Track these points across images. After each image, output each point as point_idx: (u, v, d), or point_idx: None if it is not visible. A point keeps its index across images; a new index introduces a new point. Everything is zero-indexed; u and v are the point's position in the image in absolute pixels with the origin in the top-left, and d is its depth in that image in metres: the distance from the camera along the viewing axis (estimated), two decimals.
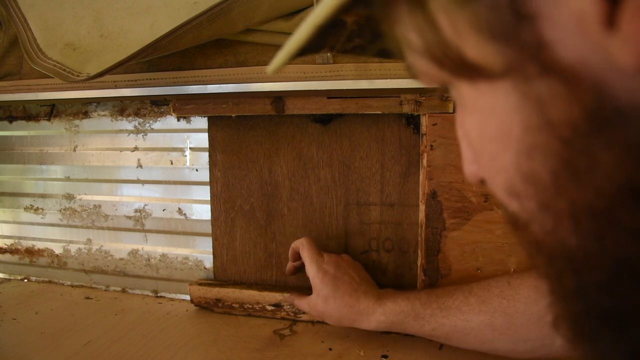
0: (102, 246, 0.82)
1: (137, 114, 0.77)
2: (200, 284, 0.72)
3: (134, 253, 0.80)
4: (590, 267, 0.18)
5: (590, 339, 0.20)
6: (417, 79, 0.23)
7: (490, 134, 0.20)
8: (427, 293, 0.56)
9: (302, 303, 0.63)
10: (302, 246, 0.63)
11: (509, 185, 0.20)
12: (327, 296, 0.58)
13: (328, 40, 0.26)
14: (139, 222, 0.79)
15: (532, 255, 0.21)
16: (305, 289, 0.69)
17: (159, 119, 0.76)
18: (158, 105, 0.75)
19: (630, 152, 0.15)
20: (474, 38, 0.17)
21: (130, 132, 0.77)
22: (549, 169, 0.17)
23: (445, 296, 0.54)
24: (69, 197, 0.83)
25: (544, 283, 0.21)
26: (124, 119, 0.77)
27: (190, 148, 0.75)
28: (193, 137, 0.74)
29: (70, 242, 0.84)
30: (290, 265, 0.67)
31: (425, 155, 0.60)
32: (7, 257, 0.89)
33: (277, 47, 0.59)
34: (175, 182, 0.76)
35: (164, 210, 0.77)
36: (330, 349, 0.59)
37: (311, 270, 0.61)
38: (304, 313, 0.68)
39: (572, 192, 0.17)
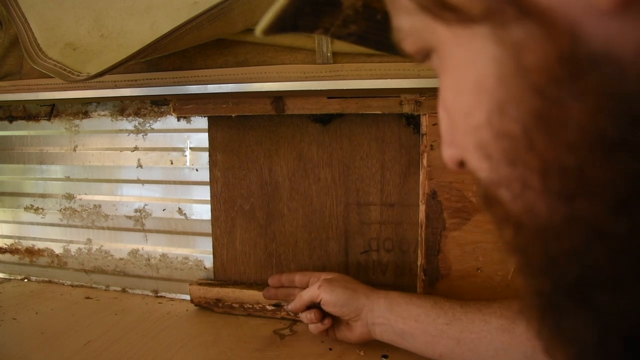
0: (102, 246, 0.82)
1: (137, 114, 0.77)
2: (200, 284, 0.72)
3: (134, 253, 0.80)
4: (558, 233, 0.17)
5: (556, 314, 0.19)
6: (402, 44, 0.23)
7: (466, 90, 0.19)
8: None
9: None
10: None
11: (482, 145, 0.19)
12: (332, 281, 0.55)
13: (323, 20, 0.25)
14: (139, 222, 0.79)
15: (502, 228, 0.21)
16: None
17: (159, 119, 0.76)
18: (158, 105, 0.75)
19: (603, 103, 0.15)
20: None
21: (130, 132, 0.77)
22: (521, 123, 0.17)
23: (466, 300, 0.51)
24: (69, 197, 0.83)
25: (513, 260, 0.21)
26: (124, 119, 0.77)
27: (190, 148, 0.75)
28: (193, 137, 0.74)
29: (70, 242, 0.84)
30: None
31: (426, 155, 0.60)
32: (7, 257, 0.89)
33: (277, 47, 0.59)
34: (175, 182, 0.76)
35: (164, 210, 0.77)
36: (330, 349, 0.59)
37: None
38: None
39: (542, 146, 0.17)
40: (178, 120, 0.74)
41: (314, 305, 0.57)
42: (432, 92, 0.59)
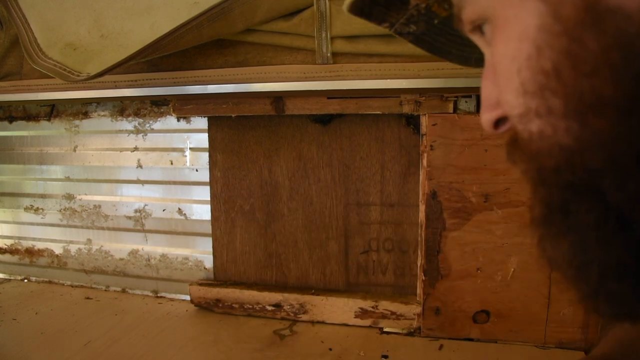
0: (102, 246, 0.82)
1: (137, 114, 0.77)
2: (200, 284, 0.72)
3: (134, 253, 0.80)
4: (572, 148, 0.22)
5: (562, 209, 0.24)
6: (461, 13, 0.27)
7: (513, 38, 0.24)
8: None
9: None
10: None
11: (522, 82, 0.23)
12: None
13: (391, 15, 0.32)
14: (139, 222, 0.79)
15: (522, 162, 0.25)
16: (306, 289, 0.69)
17: (159, 119, 0.76)
18: (158, 106, 0.76)
19: (614, 41, 0.20)
20: None
21: (130, 132, 0.77)
22: (552, 59, 0.22)
23: None
24: (69, 197, 0.83)
25: (530, 186, 0.25)
26: (124, 119, 0.78)
27: (190, 148, 0.75)
28: (193, 137, 0.74)
29: (70, 242, 0.84)
30: None
31: (425, 155, 0.60)
32: (7, 257, 0.89)
33: (277, 47, 0.59)
34: (175, 182, 0.76)
35: (164, 210, 0.77)
36: (330, 349, 0.59)
37: None
38: (304, 313, 0.68)
39: (566, 76, 0.21)
40: (178, 120, 0.74)
41: None
42: (432, 92, 0.59)
